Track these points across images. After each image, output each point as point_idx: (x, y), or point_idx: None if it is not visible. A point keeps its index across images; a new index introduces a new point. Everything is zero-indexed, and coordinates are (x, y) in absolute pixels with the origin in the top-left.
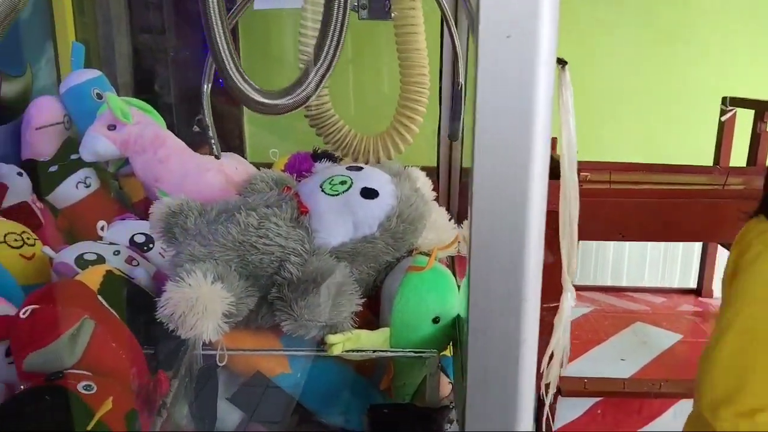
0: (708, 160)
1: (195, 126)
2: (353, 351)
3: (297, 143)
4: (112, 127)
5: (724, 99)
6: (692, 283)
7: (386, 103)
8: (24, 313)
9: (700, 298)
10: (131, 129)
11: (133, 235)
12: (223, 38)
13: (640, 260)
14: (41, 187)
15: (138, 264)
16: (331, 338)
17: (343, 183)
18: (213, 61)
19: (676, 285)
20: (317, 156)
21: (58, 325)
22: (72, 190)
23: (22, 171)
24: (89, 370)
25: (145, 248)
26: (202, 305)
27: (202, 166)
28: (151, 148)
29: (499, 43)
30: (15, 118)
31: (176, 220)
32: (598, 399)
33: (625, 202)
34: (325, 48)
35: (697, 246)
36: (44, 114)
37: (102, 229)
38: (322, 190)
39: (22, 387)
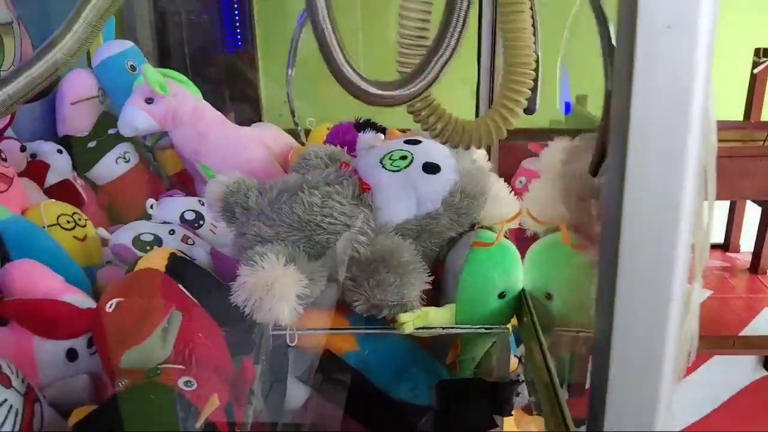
0: (738, 115)
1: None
2: (423, 328)
3: (318, 110)
4: (149, 101)
5: (757, 51)
6: (719, 239)
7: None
8: (110, 307)
9: (727, 253)
10: (169, 102)
11: (183, 212)
12: (330, 27)
13: None
14: (81, 164)
15: (194, 243)
16: (402, 317)
17: (403, 158)
18: (320, 51)
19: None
20: (360, 126)
21: (147, 318)
22: (112, 165)
23: (62, 148)
24: (180, 364)
25: (196, 225)
26: (278, 288)
27: (243, 138)
28: (190, 121)
29: (659, 34)
30: (48, 94)
31: (235, 199)
32: None
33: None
34: (449, 32)
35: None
36: (78, 88)
37: (151, 207)
38: (383, 166)
39: (121, 384)
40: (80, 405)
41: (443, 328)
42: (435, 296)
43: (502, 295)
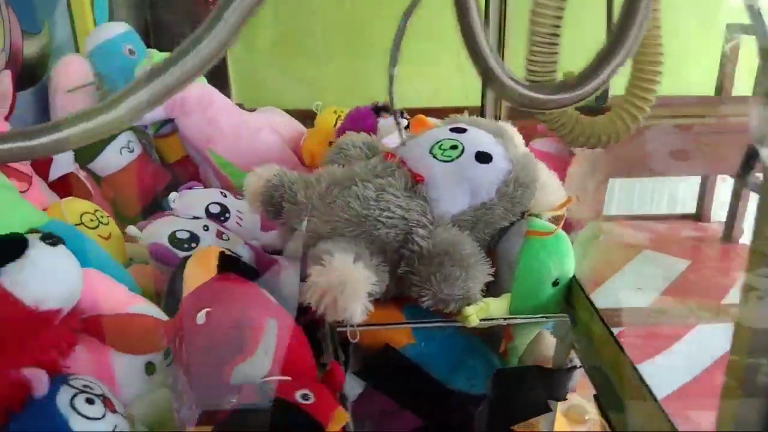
0: (710, 91)
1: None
2: (484, 320)
3: (287, 93)
4: None
5: (729, 26)
6: (691, 209)
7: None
8: (200, 319)
9: (699, 223)
10: None
11: (208, 206)
12: (481, 31)
13: (629, 189)
14: (82, 156)
15: (228, 238)
16: (468, 310)
17: (454, 147)
18: (468, 53)
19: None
20: (378, 110)
21: (249, 329)
22: (116, 156)
23: None
24: (284, 374)
25: (222, 218)
26: (350, 287)
27: (254, 124)
28: (199, 107)
29: None
30: (39, 80)
31: (280, 194)
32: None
33: (655, 137)
34: (631, 32)
35: None
36: (73, 75)
37: (173, 201)
38: (433, 156)
39: (231, 401)
40: (166, 422)
41: (505, 319)
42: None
43: (555, 283)
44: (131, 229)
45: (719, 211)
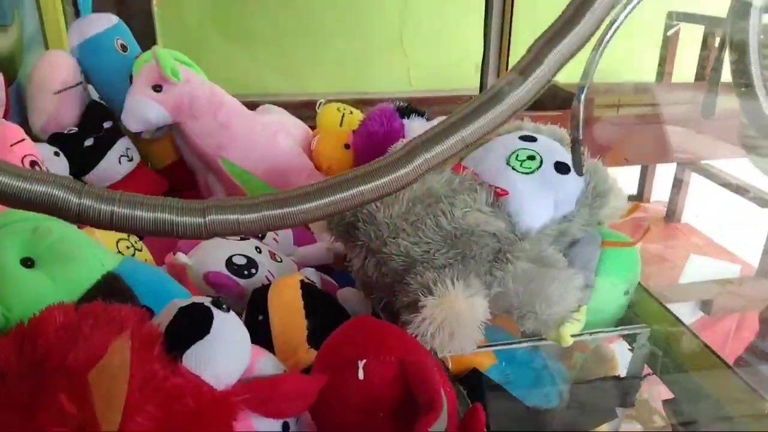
0: (651, 77)
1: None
2: (574, 336)
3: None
4: (158, 88)
5: (670, 14)
6: (632, 190)
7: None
8: (362, 375)
9: (641, 204)
10: (182, 89)
11: None
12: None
13: None
14: (79, 166)
15: (281, 260)
16: (565, 329)
17: (531, 158)
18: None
19: None
20: (403, 111)
21: (424, 379)
22: (115, 165)
23: (59, 150)
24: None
25: (260, 235)
26: (469, 319)
27: (268, 127)
28: (208, 111)
29: None
30: (14, 77)
31: (353, 213)
32: None
33: (633, 128)
34: None
35: None
36: (62, 74)
37: None
38: (512, 168)
39: None
40: None
41: (591, 333)
42: None
43: (627, 293)
44: (181, 257)
45: (659, 191)
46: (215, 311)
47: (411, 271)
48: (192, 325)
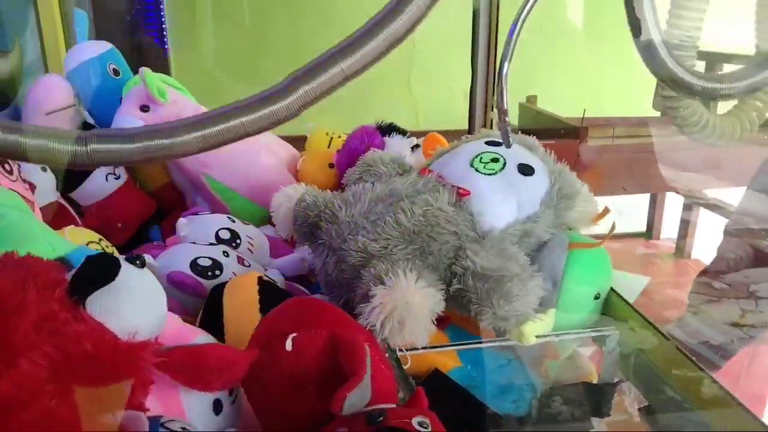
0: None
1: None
2: (539, 337)
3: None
4: (145, 108)
5: None
6: (641, 227)
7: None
8: (289, 346)
9: (650, 241)
10: (168, 110)
11: (218, 231)
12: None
13: None
14: (66, 182)
15: (249, 265)
16: (525, 328)
17: (495, 160)
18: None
19: (624, 230)
20: (384, 130)
21: (352, 352)
22: (102, 183)
23: (45, 166)
24: (384, 401)
25: (234, 244)
26: (416, 308)
27: (251, 147)
28: None
29: None
30: (11, 100)
31: (317, 213)
32: None
33: (629, 156)
34: None
35: None
36: (55, 96)
37: (183, 226)
38: (476, 170)
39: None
40: None
41: (557, 335)
42: None
43: (597, 296)
44: (147, 257)
45: (669, 228)
46: (124, 264)
47: (367, 266)
48: (97, 272)
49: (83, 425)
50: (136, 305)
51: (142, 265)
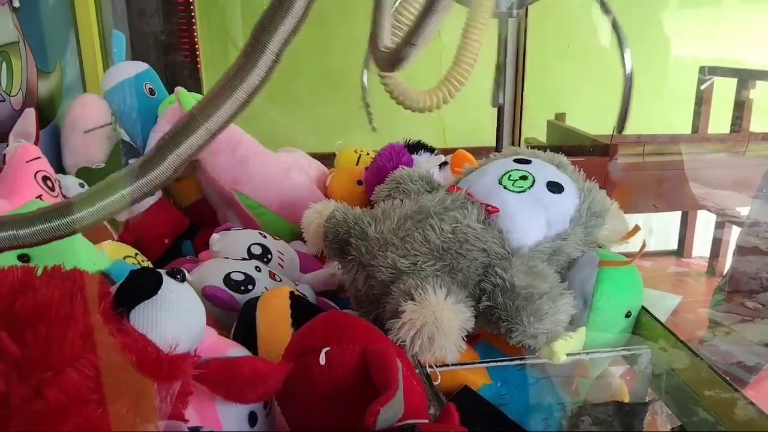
0: (687, 129)
1: None
2: (569, 355)
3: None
4: None
5: (702, 68)
6: (673, 245)
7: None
8: (323, 360)
9: (682, 259)
10: None
11: (250, 246)
12: None
13: None
14: None
15: (281, 279)
16: (555, 346)
17: (524, 178)
18: None
19: (655, 248)
20: (412, 147)
21: (384, 366)
22: None
23: (83, 182)
24: (416, 416)
25: (265, 260)
26: (446, 324)
27: (282, 164)
28: (227, 147)
29: None
30: (51, 119)
31: (347, 230)
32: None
33: (659, 174)
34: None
35: None
36: (93, 115)
37: (216, 242)
38: (504, 187)
39: None
40: None
41: (588, 353)
42: None
43: (628, 315)
44: None
45: (700, 246)
46: (166, 278)
47: (396, 282)
48: (140, 285)
49: None
50: (177, 318)
51: (183, 279)
